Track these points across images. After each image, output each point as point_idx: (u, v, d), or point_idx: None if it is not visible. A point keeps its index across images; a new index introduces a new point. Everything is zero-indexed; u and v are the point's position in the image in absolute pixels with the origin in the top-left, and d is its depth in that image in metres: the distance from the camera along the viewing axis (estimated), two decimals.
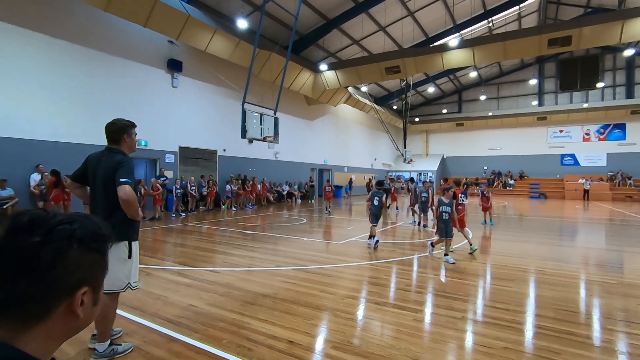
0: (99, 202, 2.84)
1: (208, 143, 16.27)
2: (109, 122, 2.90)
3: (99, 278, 0.73)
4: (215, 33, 13.18)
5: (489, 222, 11.24)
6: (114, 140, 2.89)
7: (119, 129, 2.88)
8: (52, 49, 10.88)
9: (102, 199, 2.81)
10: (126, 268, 2.86)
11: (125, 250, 2.84)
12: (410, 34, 20.62)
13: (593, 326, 3.58)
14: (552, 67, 30.34)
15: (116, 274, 2.80)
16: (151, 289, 4.56)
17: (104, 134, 2.93)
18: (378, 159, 33.67)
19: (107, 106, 12.16)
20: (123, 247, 2.84)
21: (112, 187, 2.71)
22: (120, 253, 2.82)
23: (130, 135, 2.94)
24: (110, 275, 2.73)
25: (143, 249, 7.11)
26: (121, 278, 2.83)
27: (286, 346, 3.01)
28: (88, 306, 0.70)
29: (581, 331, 3.39)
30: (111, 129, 2.88)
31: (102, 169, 2.80)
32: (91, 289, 0.71)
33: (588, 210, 18.12)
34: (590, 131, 29.53)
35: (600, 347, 3.10)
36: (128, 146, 2.94)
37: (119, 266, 2.81)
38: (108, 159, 2.81)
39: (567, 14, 23.31)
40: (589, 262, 6.53)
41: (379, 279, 5.19)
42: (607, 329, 3.50)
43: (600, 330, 3.47)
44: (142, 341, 3.09)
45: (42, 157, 10.33)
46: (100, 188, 2.82)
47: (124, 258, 2.83)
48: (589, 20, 13.90)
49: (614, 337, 3.31)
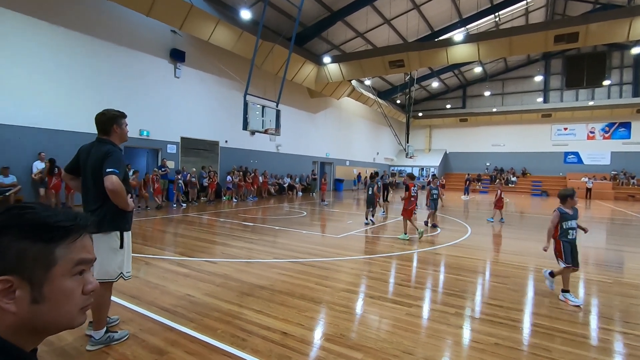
0: (90, 193, 2.84)
1: (210, 134, 16.29)
2: (98, 112, 2.90)
3: (39, 272, 0.65)
4: (218, 23, 13.10)
5: (498, 219, 11.08)
6: (104, 131, 2.88)
7: (109, 120, 2.87)
8: (56, 37, 10.87)
9: (93, 189, 2.82)
10: (118, 258, 2.89)
11: (117, 241, 2.87)
12: (415, 28, 20.41)
13: (586, 325, 3.61)
14: (558, 64, 30.01)
15: (108, 264, 2.83)
16: (149, 278, 4.62)
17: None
18: (380, 153, 33.60)
19: (110, 95, 12.17)
20: (114, 237, 2.87)
21: (102, 177, 2.70)
22: (112, 243, 2.85)
23: (120, 125, 2.92)
24: (102, 265, 2.80)
25: (143, 238, 7.18)
26: (113, 268, 2.87)
27: (280, 337, 3.05)
28: (23, 302, 0.64)
29: (574, 329, 3.42)
30: (101, 119, 2.87)
31: (91, 160, 2.81)
32: (26, 282, 0.64)
33: (589, 208, 18.06)
34: (595, 129, 29.30)
35: (593, 345, 3.13)
36: (119, 136, 2.93)
37: (111, 256, 2.85)
38: (97, 149, 2.82)
39: (575, 9, 22.96)
40: (587, 261, 6.53)
41: (375, 273, 5.22)
42: (602, 328, 3.52)
43: (594, 329, 3.50)
44: (139, 329, 3.14)
45: (45, 145, 10.39)
46: (89, 178, 2.83)
47: (115, 248, 2.86)
48: (596, 17, 13.70)
49: (607, 336, 3.33)
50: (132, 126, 11.78)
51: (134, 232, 7.58)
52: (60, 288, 0.68)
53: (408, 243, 7.41)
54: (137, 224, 8.73)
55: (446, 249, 7.03)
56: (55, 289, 0.67)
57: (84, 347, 2.83)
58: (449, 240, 7.87)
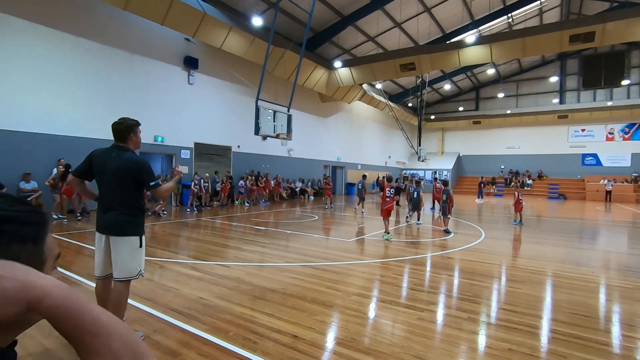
0: (116, 197, 2.94)
1: (223, 139, 16.51)
2: (115, 121, 3.03)
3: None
4: (230, 30, 13.33)
5: (519, 221, 11.28)
6: (122, 139, 3.01)
7: (127, 128, 3.00)
8: (75, 47, 11.25)
9: (119, 194, 2.94)
10: (139, 256, 3.01)
11: (137, 241, 2.99)
12: (426, 30, 20.32)
13: (604, 331, 3.51)
14: (574, 64, 29.35)
15: (131, 263, 2.95)
16: (164, 281, 4.70)
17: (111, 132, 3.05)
18: (392, 157, 33.40)
19: (125, 102, 12.49)
20: (134, 239, 2.98)
21: (131, 184, 2.94)
22: (134, 244, 2.97)
23: (136, 133, 3.06)
24: (125, 264, 2.90)
25: (157, 242, 7.32)
26: (135, 267, 2.98)
27: (290, 340, 3.07)
28: None
29: (590, 335, 3.33)
30: (119, 127, 2.99)
31: (114, 165, 2.92)
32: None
33: (609, 212, 17.54)
34: (614, 130, 28.48)
35: (606, 351, 3.04)
36: (134, 143, 3.06)
37: (133, 255, 2.96)
38: (119, 155, 2.95)
39: (591, 8, 22.45)
40: (606, 266, 6.35)
41: (387, 277, 5.19)
42: (616, 333, 3.42)
43: (612, 335, 3.40)
44: (152, 330, 3.20)
45: (64, 152, 10.72)
46: (115, 183, 2.93)
47: (136, 247, 2.98)
48: (613, 16, 13.39)
49: (622, 342, 3.23)
50: (147, 132, 12.09)
51: (148, 237, 7.75)
52: None
53: (421, 246, 7.34)
54: (151, 228, 8.90)
55: (459, 253, 6.94)
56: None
57: None
58: (463, 244, 7.76)
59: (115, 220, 2.90)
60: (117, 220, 2.90)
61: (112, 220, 2.90)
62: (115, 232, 2.90)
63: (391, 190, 8.43)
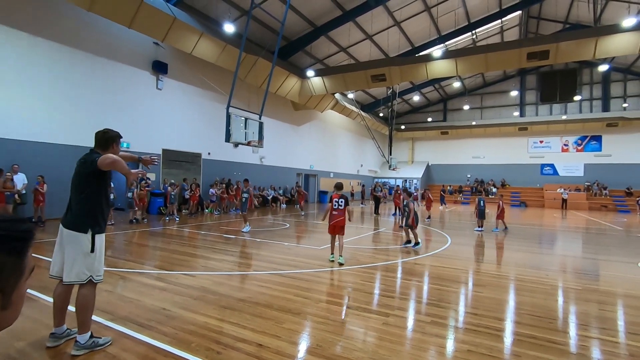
0: (73, 197, 2.98)
1: (192, 146, 16.16)
2: (100, 130, 3.15)
3: (13, 282, 0.68)
4: (201, 36, 13.17)
5: (502, 229, 11.98)
6: (103, 147, 3.09)
7: (110, 138, 3.13)
8: (37, 48, 10.72)
9: (75, 192, 2.98)
10: (88, 261, 2.90)
11: (87, 244, 2.89)
12: (396, 43, 21.01)
13: (560, 331, 3.72)
14: (533, 79, 31.32)
15: (78, 266, 2.85)
16: (125, 292, 4.51)
17: (93, 139, 3.12)
18: (364, 165, 33.95)
19: (90, 107, 11.99)
20: (85, 239, 2.89)
21: (83, 179, 2.94)
22: (83, 246, 2.87)
23: (118, 144, 3.22)
24: (72, 266, 2.81)
25: (120, 252, 7.01)
26: (83, 270, 2.88)
27: (255, 349, 3.03)
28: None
29: (545, 335, 3.51)
30: (103, 137, 3.11)
31: (78, 167, 3.01)
32: (1, 294, 0.67)
33: (565, 218, 18.66)
34: (569, 142, 30.51)
35: (559, 349, 3.23)
36: (113, 152, 3.13)
37: (81, 259, 2.87)
38: (88, 156, 3.02)
39: (547, 29, 24.14)
40: (563, 269, 6.74)
41: (354, 284, 5.24)
42: (565, 332, 3.64)
43: (568, 335, 3.61)
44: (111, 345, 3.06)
45: (21, 158, 10.08)
46: (74, 183, 3.00)
47: (86, 252, 2.88)
48: (565, 36, 14.46)
49: (569, 340, 3.44)
50: None
51: (111, 247, 7.40)
52: (22, 293, 0.72)
53: (391, 253, 7.47)
54: (115, 237, 8.52)
55: (427, 259, 7.13)
56: (20, 295, 0.71)
57: (68, 353, 2.83)
58: (430, 250, 7.98)
59: (71, 214, 2.95)
60: (72, 214, 2.95)
61: (68, 214, 2.98)
62: (65, 224, 2.94)
63: (339, 201, 6.54)
